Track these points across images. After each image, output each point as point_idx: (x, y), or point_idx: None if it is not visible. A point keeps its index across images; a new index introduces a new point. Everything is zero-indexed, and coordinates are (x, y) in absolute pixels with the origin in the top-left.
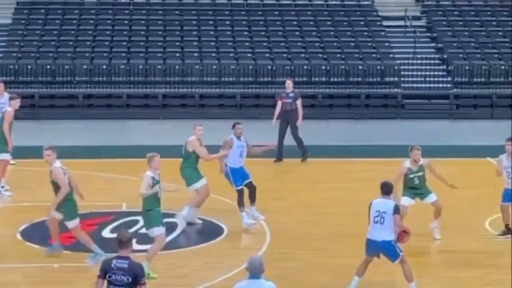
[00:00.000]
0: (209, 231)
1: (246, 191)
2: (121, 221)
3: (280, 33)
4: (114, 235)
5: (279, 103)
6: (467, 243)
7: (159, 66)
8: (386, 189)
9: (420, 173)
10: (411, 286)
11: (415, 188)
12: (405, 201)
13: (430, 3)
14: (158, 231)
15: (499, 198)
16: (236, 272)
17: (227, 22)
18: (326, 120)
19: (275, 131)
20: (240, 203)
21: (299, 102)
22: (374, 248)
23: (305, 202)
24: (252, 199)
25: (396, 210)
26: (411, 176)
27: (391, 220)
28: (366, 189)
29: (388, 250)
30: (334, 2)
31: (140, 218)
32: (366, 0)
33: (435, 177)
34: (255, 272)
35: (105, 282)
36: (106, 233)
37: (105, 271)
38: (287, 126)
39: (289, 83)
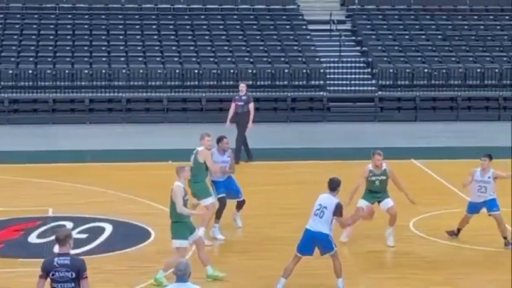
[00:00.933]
0: (136, 235)
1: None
2: (48, 226)
3: (206, 37)
4: (41, 241)
5: (233, 105)
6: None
7: (86, 71)
8: (332, 185)
9: (383, 177)
10: (338, 282)
11: (376, 192)
12: (362, 203)
13: (354, 7)
14: (179, 244)
15: (423, 199)
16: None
17: (154, 26)
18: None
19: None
20: (217, 215)
21: (251, 106)
22: (310, 238)
23: (232, 205)
24: (239, 208)
25: (338, 211)
26: (373, 178)
27: (330, 216)
28: (291, 191)
29: (324, 241)
30: (260, 6)
31: (67, 222)
32: (291, 4)
33: (396, 187)
34: (181, 275)
35: (47, 281)
36: (33, 238)
37: (47, 270)
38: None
39: (242, 86)
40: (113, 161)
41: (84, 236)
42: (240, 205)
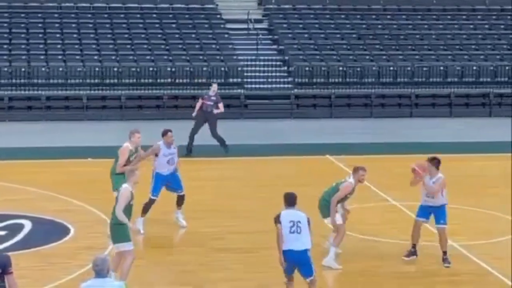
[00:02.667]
0: (56, 232)
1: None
2: None
3: (126, 35)
4: None
5: (200, 102)
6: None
7: (5, 69)
8: (292, 201)
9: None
10: None
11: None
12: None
13: (271, 6)
14: (122, 247)
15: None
16: (81, 272)
17: (73, 25)
18: (171, 120)
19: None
20: (144, 210)
21: (221, 105)
22: (293, 260)
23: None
24: (179, 204)
25: (309, 222)
26: (349, 196)
27: (307, 228)
28: (206, 187)
29: (305, 263)
30: (179, 5)
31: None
32: (210, 4)
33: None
34: (98, 270)
35: None
36: None
37: None
38: (203, 125)
39: (214, 86)
40: (32, 159)
41: (2, 233)
42: (180, 201)
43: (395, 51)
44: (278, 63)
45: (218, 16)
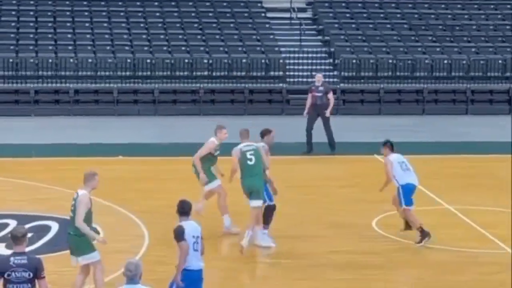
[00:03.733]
0: None
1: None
2: None
3: (160, 24)
4: None
5: (309, 96)
6: (353, 243)
7: (31, 60)
8: (186, 208)
9: None
10: None
11: None
12: None
13: None
14: (89, 259)
15: (386, 197)
16: (111, 277)
17: (104, 13)
18: (208, 116)
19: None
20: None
21: (330, 95)
22: (191, 280)
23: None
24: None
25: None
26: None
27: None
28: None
29: (200, 284)
30: None
31: (10, 220)
32: None
33: None
34: (131, 276)
35: (2, 281)
36: None
37: (3, 270)
38: (316, 119)
39: (318, 76)
40: (59, 156)
41: (28, 235)
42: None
43: (450, 43)
44: (323, 55)
45: (259, 4)
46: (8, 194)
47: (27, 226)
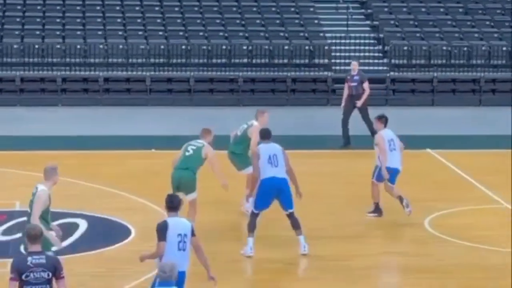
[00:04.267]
0: (114, 233)
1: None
2: (15, 221)
3: (196, 8)
4: (6, 238)
5: (346, 86)
6: (405, 244)
7: (58, 46)
8: (176, 204)
9: None
10: None
11: None
12: None
13: None
14: None
15: (439, 194)
16: (143, 279)
17: None
18: (248, 107)
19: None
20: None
21: (366, 85)
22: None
23: (224, 198)
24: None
25: (193, 231)
26: None
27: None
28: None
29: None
30: None
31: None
32: None
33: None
34: (166, 278)
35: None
36: None
37: (21, 271)
38: (353, 110)
39: (354, 64)
40: (88, 149)
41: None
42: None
43: (509, 28)
44: (371, 41)
45: None
46: None
47: (55, 223)
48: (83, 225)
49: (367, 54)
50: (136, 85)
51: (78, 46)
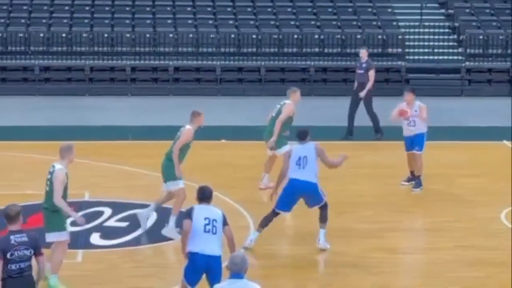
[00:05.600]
0: (181, 225)
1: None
2: (84, 212)
3: None
4: (76, 228)
5: (356, 74)
6: (480, 238)
7: (127, 35)
8: (207, 195)
9: None
10: None
11: None
12: None
13: None
14: (57, 237)
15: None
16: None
17: None
18: (320, 97)
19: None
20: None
21: (371, 74)
22: (202, 265)
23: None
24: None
25: (226, 220)
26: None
27: (222, 230)
28: (359, 176)
29: (217, 271)
30: None
31: (105, 208)
32: None
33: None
34: (236, 270)
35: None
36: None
37: (5, 250)
38: (359, 102)
39: (363, 52)
40: (157, 139)
41: (124, 224)
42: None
43: None
44: (446, 30)
45: None
46: (103, 180)
47: (122, 215)
48: (152, 216)
49: (441, 43)
50: (206, 75)
51: (148, 35)
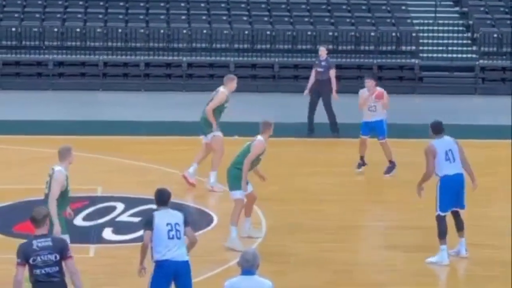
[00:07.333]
0: (196, 221)
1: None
2: (96, 207)
3: None
4: (88, 223)
5: (313, 72)
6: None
7: (141, 30)
8: (164, 198)
9: None
10: None
11: None
12: None
13: None
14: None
15: None
16: (226, 267)
17: None
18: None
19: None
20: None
21: (332, 72)
22: (168, 273)
23: (303, 188)
24: None
25: (187, 220)
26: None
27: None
28: (369, 173)
29: (186, 275)
30: None
31: (118, 203)
32: None
33: None
34: (248, 267)
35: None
36: (78, 221)
37: (27, 255)
38: (319, 98)
39: (322, 50)
40: (170, 135)
41: (136, 219)
42: None
43: None
44: (460, 28)
45: None
46: (116, 175)
47: (135, 210)
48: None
49: (455, 41)
50: (220, 71)
51: (162, 31)
